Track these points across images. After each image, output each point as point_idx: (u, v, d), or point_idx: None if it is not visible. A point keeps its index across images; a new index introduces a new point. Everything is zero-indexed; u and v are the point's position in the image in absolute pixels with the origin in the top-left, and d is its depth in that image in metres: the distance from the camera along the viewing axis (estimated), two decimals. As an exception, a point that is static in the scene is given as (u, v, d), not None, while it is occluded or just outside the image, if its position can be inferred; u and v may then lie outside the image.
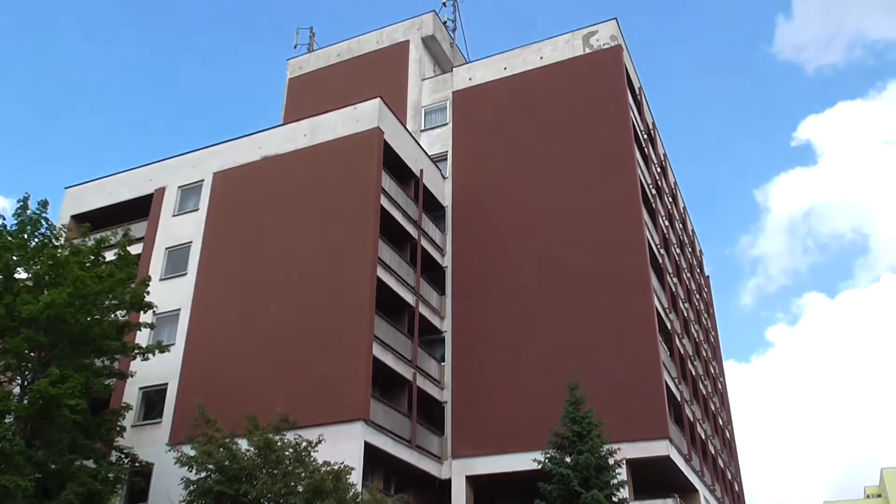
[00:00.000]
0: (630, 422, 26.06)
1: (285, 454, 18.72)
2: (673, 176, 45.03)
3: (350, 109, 30.83)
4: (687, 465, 29.54)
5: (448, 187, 34.97)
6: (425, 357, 30.03)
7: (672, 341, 32.45)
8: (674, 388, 30.17)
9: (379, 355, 26.35)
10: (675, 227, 41.12)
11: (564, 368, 26.23)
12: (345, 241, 28.04)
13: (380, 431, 25.28)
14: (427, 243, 32.25)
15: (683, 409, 31.46)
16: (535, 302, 30.51)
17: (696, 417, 34.76)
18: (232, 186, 31.70)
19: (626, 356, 28.00)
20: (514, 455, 26.90)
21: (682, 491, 28.12)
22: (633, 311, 28.95)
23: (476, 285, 32.01)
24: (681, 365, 33.16)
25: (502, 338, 30.33)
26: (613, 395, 26.37)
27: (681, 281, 38.91)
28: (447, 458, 29.01)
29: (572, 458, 22.41)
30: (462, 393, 30.07)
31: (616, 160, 32.21)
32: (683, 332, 36.08)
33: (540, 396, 27.55)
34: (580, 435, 22.76)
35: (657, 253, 32.94)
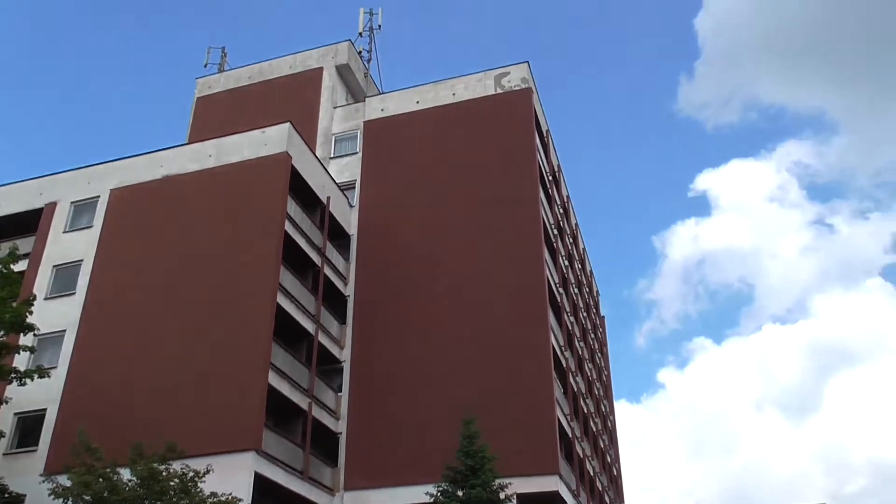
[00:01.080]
0: (522, 457, 26.42)
1: (170, 485, 18.06)
2: (575, 217, 46.44)
3: (258, 133, 30.48)
4: (575, 500, 30.14)
5: (354, 216, 34.93)
6: (322, 387, 29.64)
7: (566, 379, 33.23)
8: (566, 424, 30.84)
9: (275, 384, 25.85)
10: (574, 267, 42.31)
11: (461, 402, 26.47)
12: (246, 266, 27.53)
13: (271, 462, 24.71)
14: (330, 271, 32.02)
15: (574, 446, 32.16)
16: (435, 335, 30.71)
17: (586, 454, 35.60)
18: (130, 205, 30.68)
19: (522, 391, 28.47)
20: (407, 488, 26.80)
21: (569, 526, 28.65)
22: (530, 348, 29.52)
23: (377, 315, 31.95)
24: (573, 402, 33.96)
25: (401, 369, 30.32)
26: (508, 429, 26.70)
27: (577, 320, 39.98)
28: (340, 489, 28.59)
29: (464, 492, 22.57)
30: (358, 424, 29.80)
31: (521, 199, 32.97)
32: (577, 370, 37.01)
33: (435, 430, 27.61)
34: (473, 469, 22.97)
35: (556, 291, 33.80)
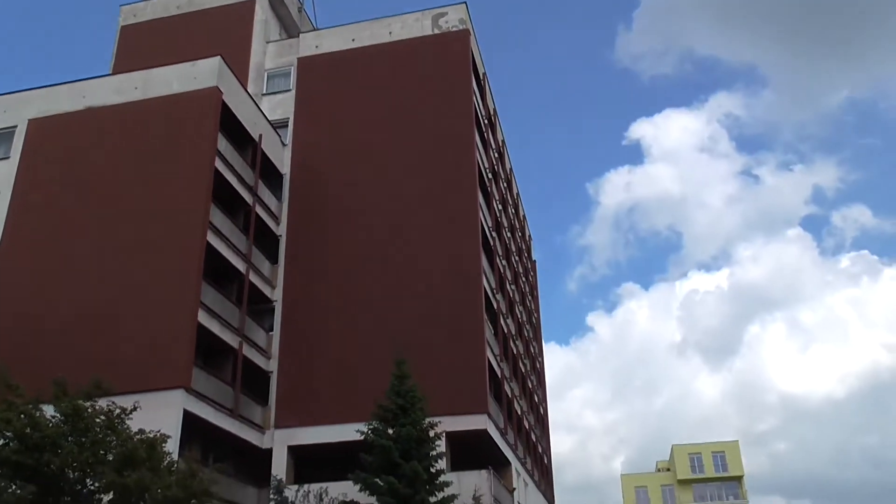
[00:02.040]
0: (452, 396, 26.97)
1: (95, 422, 17.81)
2: (509, 162, 46.65)
3: (188, 65, 29.46)
4: (502, 438, 31.03)
5: (287, 155, 34.31)
6: (253, 326, 29.48)
7: (497, 321, 33.82)
8: (495, 365, 31.52)
9: (204, 322, 25.62)
10: (507, 212, 42.70)
11: (392, 342, 26.75)
12: (174, 202, 26.92)
13: (201, 400, 24.64)
14: (262, 210, 31.54)
15: (503, 386, 32.95)
16: (368, 275, 30.74)
17: (515, 394, 36.53)
18: (50, 136, 29.46)
19: (453, 333, 28.90)
20: (337, 426, 27.08)
21: (496, 463, 29.49)
22: (463, 290, 29.87)
23: (309, 256, 31.74)
24: (503, 344, 34.66)
25: (332, 310, 30.33)
26: (438, 369, 27.16)
27: (509, 264, 40.54)
28: (270, 427, 28.74)
29: (395, 431, 22.98)
30: (289, 363, 29.83)
31: (456, 142, 32.90)
32: (508, 312, 37.69)
33: (366, 369, 27.88)
34: (404, 408, 23.37)
35: (489, 235, 34.12)
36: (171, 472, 17.36)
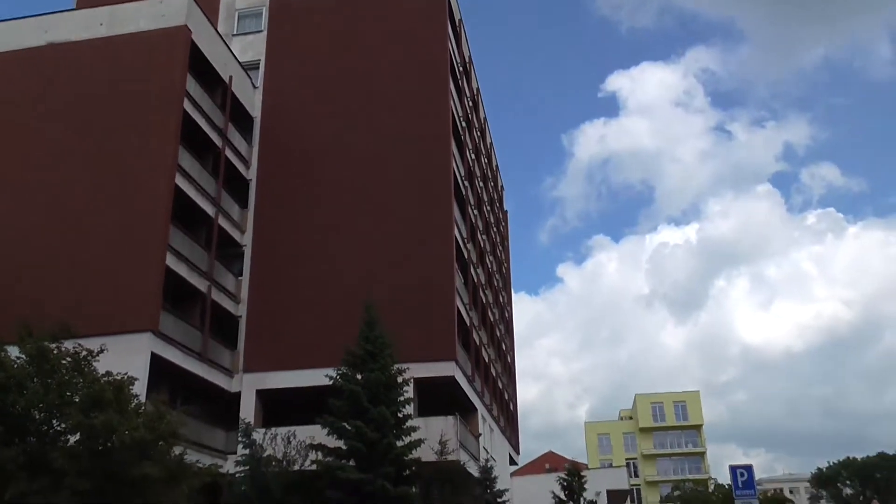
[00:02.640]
0: (421, 343, 27.22)
1: (62, 363, 17.71)
2: (483, 111, 46.33)
3: (155, 2, 28.61)
4: (469, 385, 31.49)
5: (258, 97, 33.70)
6: (222, 270, 29.32)
7: (467, 270, 34.01)
8: (464, 313, 31.80)
9: (172, 265, 25.44)
10: (480, 161, 42.58)
11: (362, 289, 26.85)
12: (142, 143, 26.42)
13: (169, 343, 24.60)
14: (232, 154, 31.09)
15: (471, 334, 33.31)
16: (340, 221, 30.63)
17: (483, 342, 36.98)
18: (10, 72, 28.55)
19: (424, 281, 29.03)
20: (306, 371, 27.28)
21: (463, 409, 30.00)
22: (435, 238, 29.94)
23: (280, 201, 31.46)
24: (473, 292, 34.93)
25: (303, 256, 30.26)
26: (408, 316, 27.35)
27: (481, 213, 40.60)
28: (239, 372, 28.86)
29: (363, 376, 23.24)
30: (258, 308, 29.81)
31: (430, 90, 32.56)
32: (479, 262, 37.88)
33: (336, 315, 27.98)
34: (372, 354, 23.60)
35: (461, 184, 34.05)
36: (138, 414, 17.37)
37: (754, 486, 19.17)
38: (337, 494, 21.50)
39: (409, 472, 23.06)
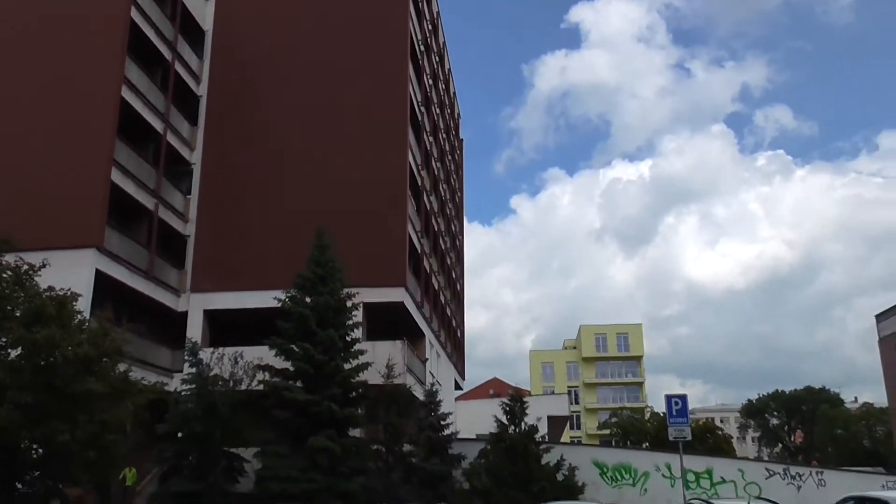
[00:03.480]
0: (371, 268, 27.29)
1: (2, 276, 17.31)
2: (443, 36, 45.47)
3: None
4: (418, 312, 31.84)
5: (210, 10, 32.47)
6: (170, 188, 28.73)
7: (420, 197, 33.93)
8: (416, 240, 31.88)
9: (118, 181, 24.83)
10: (437, 87, 42.02)
11: (314, 212, 26.67)
12: (86, 53, 25.37)
13: (114, 260, 24.23)
14: (182, 68, 30.06)
15: (422, 261, 33.49)
16: (292, 143, 30.09)
17: (433, 269, 37.24)
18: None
19: (376, 206, 28.90)
20: (255, 293, 27.20)
21: (411, 334, 30.37)
22: (388, 164, 29.67)
23: (231, 120, 30.70)
24: (425, 220, 34.95)
25: (254, 176, 29.77)
26: (359, 242, 27.29)
27: (436, 140, 40.30)
28: (186, 291, 28.65)
29: (312, 300, 23.29)
30: (207, 228, 29.41)
31: (389, 9, 31.78)
32: (432, 189, 37.79)
33: (286, 239, 27.78)
34: (322, 278, 23.63)
35: (417, 110, 33.64)
36: (82, 330, 17.18)
37: (687, 414, 20.02)
38: (284, 414, 21.79)
39: (355, 394, 23.43)
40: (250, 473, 22.16)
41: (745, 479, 22.68)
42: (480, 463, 22.04)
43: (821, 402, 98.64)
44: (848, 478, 23.73)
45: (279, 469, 20.97)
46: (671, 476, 22.56)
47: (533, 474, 20.96)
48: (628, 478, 23.20)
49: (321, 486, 20.87)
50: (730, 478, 22.79)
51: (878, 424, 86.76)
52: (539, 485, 20.56)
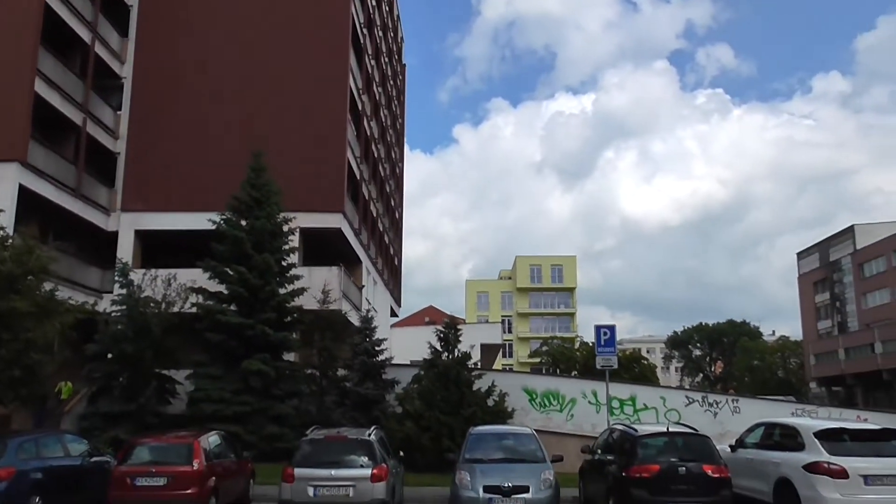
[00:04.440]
0: (309, 193, 26.96)
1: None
2: (388, -45, 44.04)
3: None
4: (356, 238, 31.72)
5: (141, -87, 30.61)
6: (99, 103, 27.55)
7: (360, 122, 33.38)
8: (355, 166, 31.50)
9: (42, 93, 23.67)
10: (381, 9, 40.91)
11: (251, 134, 26.08)
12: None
13: (39, 176, 23.30)
14: (110, -25, 28.48)
15: (361, 188, 33.19)
16: (229, 60, 29.03)
17: (372, 196, 36.99)
18: None
19: (315, 130, 28.35)
20: (188, 214, 26.64)
21: (347, 261, 30.32)
22: (328, 87, 28.98)
23: (164, 31, 29.36)
24: (365, 145, 34.48)
25: (189, 93, 28.73)
26: (297, 166, 26.84)
27: (378, 64, 39.46)
28: (116, 210, 27.86)
29: (248, 223, 22.96)
30: (139, 146, 28.42)
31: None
32: (373, 114, 37.20)
33: (222, 159, 27.11)
34: (259, 201, 23.26)
35: (360, 32, 32.77)
36: (4, 246, 16.61)
37: (615, 344, 20.69)
38: (217, 337, 21.68)
39: (290, 319, 23.41)
40: (182, 395, 22.10)
41: (666, 406, 23.67)
42: (413, 388, 22.41)
43: (741, 335, 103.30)
44: (761, 405, 25.00)
45: (212, 391, 20.98)
46: (597, 402, 23.40)
47: (464, 399, 21.45)
48: (556, 404, 23.96)
49: (254, 409, 21.00)
50: (652, 405, 23.77)
51: (792, 356, 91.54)
52: (470, 409, 21.08)
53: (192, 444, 13.31)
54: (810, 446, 12.44)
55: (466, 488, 12.63)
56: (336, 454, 12.77)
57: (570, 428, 23.21)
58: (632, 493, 12.16)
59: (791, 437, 13.20)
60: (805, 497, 11.99)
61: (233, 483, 14.59)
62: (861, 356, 63.25)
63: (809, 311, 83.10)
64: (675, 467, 12.31)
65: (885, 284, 66.87)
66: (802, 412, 23.55)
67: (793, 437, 13.15)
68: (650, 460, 12.49)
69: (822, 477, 11.85)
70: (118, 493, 12.72)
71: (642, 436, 13.13)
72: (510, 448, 14.20)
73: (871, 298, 69.73)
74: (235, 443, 16.42)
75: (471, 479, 12.73)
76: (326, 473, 12.24)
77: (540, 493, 12.48)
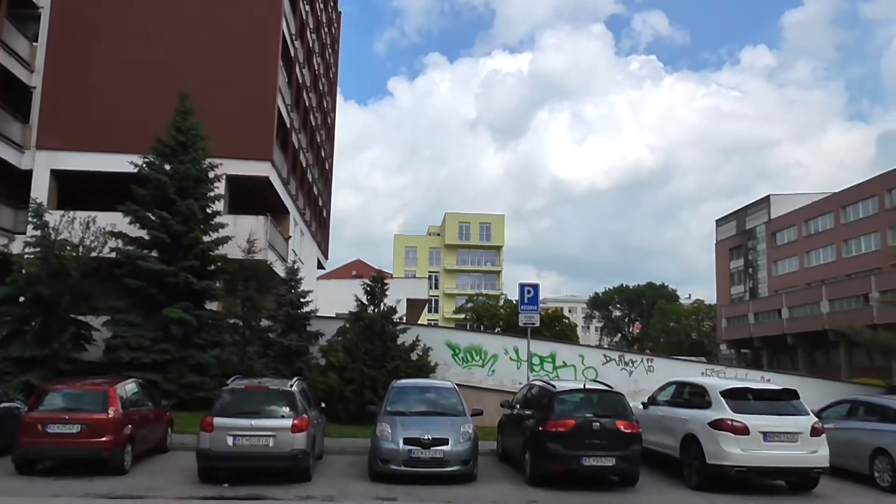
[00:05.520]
0: (237, 140, 26.24)
1: None
2: None
3: None
4: (284, 188, 31.21)
5: None
6: (14, 32, 26.05)
7: (292, 68, 32.59)
8: (285, 114, 30.83)
9: (-49, 19, 22.25)
10: (317, -47, 39.74)
11: (179, 75, 25.15)
12: None
13: (-54, 108, 22.03)
14: None
15: (290, 136, 32.55)
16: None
17: (302, 146, 36.35)
18: None
19: (245, 75, 27.53)
20: (109, 155, 25.67)
21: (275, 211, 29.82)
22: (260, 31, 28.11)
23: (86, -37, 27.86)
24: (296, 93, 33.74)
25: (112, 28, 27.41)
26: (225, 111, 26.06)
27: (313, 10, 38.45)
28: (31, 147, 26.61)
29: (172, 167, 22.34)
30: (56, 80, 27.05)
31: None
32: (305, 61, 36.35)
33: (146, 100, 26.12)
34: (184, 145, 22.64)
35: (294, -25, 31.82)
36: None
37: (538, 303, 21.14)
38: (137, 283, 21.15)
39: (214, 267, 23.01)
40: (99, 342, 21.56)
41: (584, 363, 24.38)
42: (338, 340, 22.43)
43: (659, 298, 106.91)
44: (674, 365, 26.01)
45: (130, 338, 20.54)
46: (518, 359, 23.90)
47: (388, 353, 21.62)
48: (478, 359, 24.38)
49: (174, 357, 20.70)
50: (571, 362, 24.44)
51: (706, 319, 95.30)
52: (394, 363, 21.27)
53: (107, 392, 13.08)
54: (716, 404, 13.08)
55: (387, 440, 12.83)
56: (257, 404, 12.74)
57: (492, 383, 23.68)
58: (547, 447, 12.57)
59: (699, 396, 13.84)
60: (709, 452, 12.64)
61: (150, 432, 14.44)
62: (769, 321, 66.23)
63: (724, 276, 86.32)
64: (589, 422, 12.76)
65: (794, 253, 69.90)
66: (712, 372, 24.63)
67: (701, 395, 13.79)
68: (566, 415, 12.92)
69: (725, 433, 12.50)
70: (28, 440, 12.44)
71: (559, 392, 13.54)
72: (431, 401, 14.47)
73: (780, 266, 72.85)
74: (154, 391, 16.21)
75: (391, 431, 12.93)
76: (246, 423, 12.21)
77: (458, 445, 12.79)
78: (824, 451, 12.71)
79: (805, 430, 12.63)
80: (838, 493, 13.25)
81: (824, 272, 63.35)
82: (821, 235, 65.47)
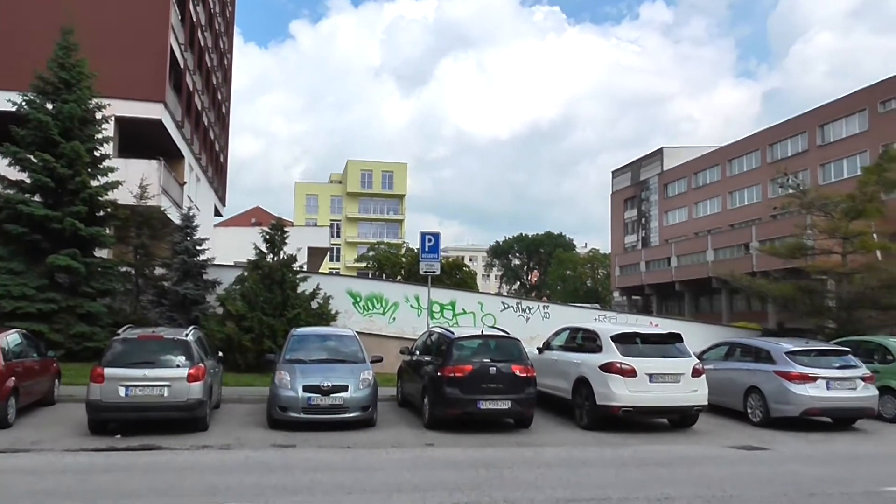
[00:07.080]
0: (127, 79, 25.00)
1: None
2: None
3: None
4: (178, 131, 30.01)
5: None
6: None
7: (185, 5, 31.04)
8: (179, 54, 29.45)
9: None
10: None
11: (62, 7, 23.54)
12: None
13: None
14: None
15: (184, 77, 31.19)
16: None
17: (197, 88, 34.92)
18: None
19: (134, 11, 26.20)
20: (-16, 93, 23.95)
21: (168, 155, 28.67)
22: (149, -36, 26.65)
23: None
24: (190, 32, 32.23)
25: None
26: (114, 49, 24.74)
27: (207, -56, 36.63)
28: None
29: (55, 106, 21.12)
30: (-80, 10, 24.92)
31: None
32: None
33: (26, 33, 24.50)
34: (68, 83, 21.42)
35: None
36: None
37: (439, 251, 21.35)
38: (18, 229, 20.03)
39: (103, 213, 22.05)
40: (-22, 291, 20.40)
41: (483, 311, 24.94)
42: (236, 289, 22.05)
43: (557, 247, 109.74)
44: (569, 312, 26.97)
45: (12, 287, 19.52)
46: (419, 307, 24.21)
47: (288, 301, 21.42)
48: (379, 307, 24.53)
49: (61, 307, 19.88)
50: (470, 310, 24.95)
51: (600, 267, 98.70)
52: (294, 311, 21.12)
53: (-12, 343, 12.46)
54: (607, 348, 13.68)
55: (286, 387, 12.82)
56: (150, 354, 12.43)
57: (392, 331, 23.91)
58: (445, 391, 12.87)
59: (591, 341, 14.44)
60: (599, 393, 13.26)
61: (35, 384, 13.90)
62: (659, 269, 69.15)
63: (619, 226, 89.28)
64: (486, 367, 13.11)
65: (683, 204, 72.91)
66: (604, 318, 25.69)
67: (593, 340, 14.38)
68: (464, 361, 13.23)
69: (614, 376, 13.13)
70: None
71: (458, 338, 13.83)
72: (331, 349, 14.50)
73: (671, 216, 75.89)
74: (39, 342, 15.55)
75: (290, 378, 12.92)
76: (140, 373, 11.91)
77: (358, 392, 12.92)
78: (704, 390, 13.56)
79: (687, 372, 13.42)
80: (715, 429, 14.20)
81: (711, 222, 66.41)
82: (708, 187, 68.42)
